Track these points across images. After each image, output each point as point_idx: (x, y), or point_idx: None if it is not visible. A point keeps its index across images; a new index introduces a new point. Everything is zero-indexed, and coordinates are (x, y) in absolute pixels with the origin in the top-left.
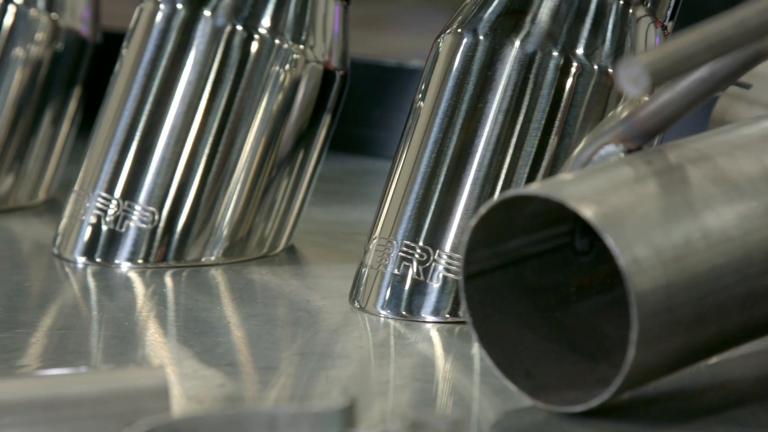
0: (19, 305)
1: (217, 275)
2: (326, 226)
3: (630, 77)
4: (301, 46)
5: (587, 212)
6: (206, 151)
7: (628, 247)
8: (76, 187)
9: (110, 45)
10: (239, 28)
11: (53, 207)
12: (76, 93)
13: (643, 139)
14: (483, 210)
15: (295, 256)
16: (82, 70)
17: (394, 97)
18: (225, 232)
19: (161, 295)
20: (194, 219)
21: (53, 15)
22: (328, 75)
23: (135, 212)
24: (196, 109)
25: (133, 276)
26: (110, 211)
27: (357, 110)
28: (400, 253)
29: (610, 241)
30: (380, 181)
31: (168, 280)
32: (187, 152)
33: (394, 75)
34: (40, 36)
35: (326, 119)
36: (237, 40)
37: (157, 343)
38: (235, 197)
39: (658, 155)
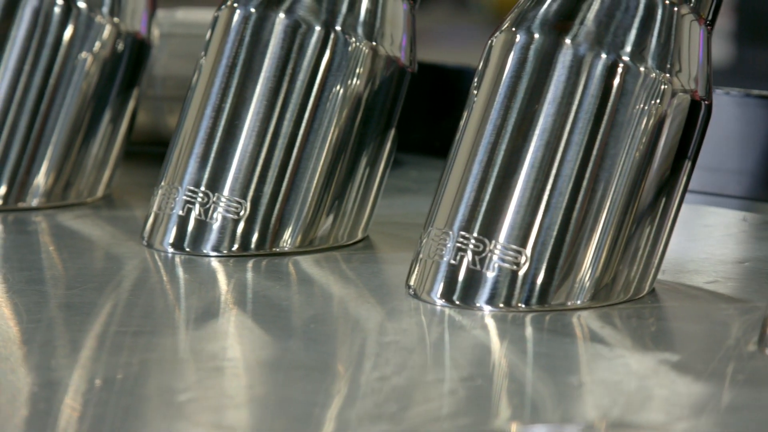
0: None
1: (580, 321)
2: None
3: None
4: (668, 75)
5: None
6: (568, 190)
7: None
8: (430, 227)
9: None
10: (603, 56)
11: (369, 245)
12: (392, 134)
13: None
14: None
15: (656, 298)
16: (399, 101)
17: None
18: (590, 278)
19: (521, 343)
20: (558, 261)
21: (373, 44)
22: (694, 106)
23: (497, 252)
24: (557, 145)
25: (490, 322)
26: (471, 251)
27: None
28: None
29: None
30: None
31: (528, 326)
32: (548, 191)
33: None
34: (360, 70)
35: (692, 153)
36: (599, 70)
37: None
38: (599, 241)
39: None
